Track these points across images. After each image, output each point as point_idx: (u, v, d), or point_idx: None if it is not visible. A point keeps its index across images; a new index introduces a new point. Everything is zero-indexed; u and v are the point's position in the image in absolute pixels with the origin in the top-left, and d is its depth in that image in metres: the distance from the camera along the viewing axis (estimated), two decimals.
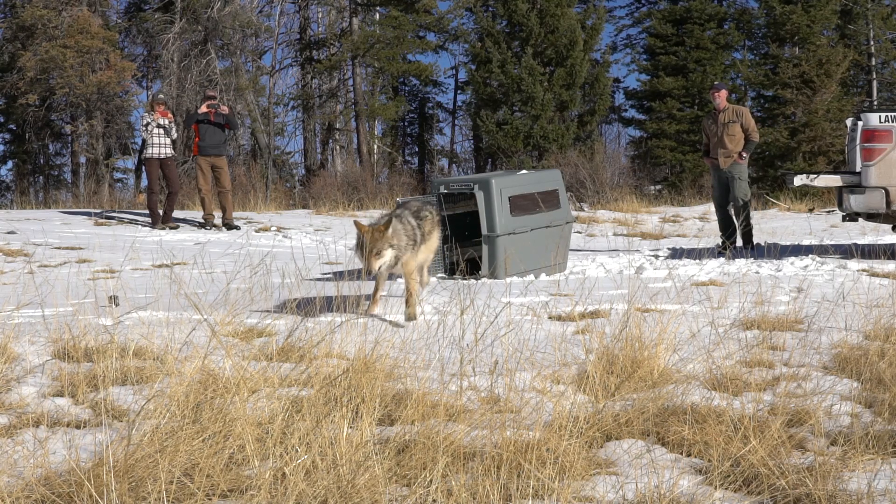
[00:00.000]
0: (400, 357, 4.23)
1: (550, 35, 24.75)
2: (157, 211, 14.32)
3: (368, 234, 5.03)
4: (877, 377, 3.99)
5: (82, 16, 23.88)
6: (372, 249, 5.00)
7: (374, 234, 5.03)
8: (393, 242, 5.13)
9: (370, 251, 5.01)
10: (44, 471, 2.81)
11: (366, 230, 5.05)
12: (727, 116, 10.88)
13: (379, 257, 5.05)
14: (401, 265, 5.33)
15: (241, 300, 5.07)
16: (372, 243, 5.00)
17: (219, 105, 14.46)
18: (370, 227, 5.09)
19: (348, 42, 27.09)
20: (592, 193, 20.25)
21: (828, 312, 5.11)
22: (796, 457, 3.23)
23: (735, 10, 28.05)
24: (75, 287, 6.21)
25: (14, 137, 28.18)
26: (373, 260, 5.02)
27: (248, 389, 3.46)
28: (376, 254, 5.03)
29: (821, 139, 22.79)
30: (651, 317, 5.01)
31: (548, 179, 9.40)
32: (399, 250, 5.22)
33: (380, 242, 5.03)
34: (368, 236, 5.02)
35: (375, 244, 5.01)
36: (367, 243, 5.02)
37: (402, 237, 5.25)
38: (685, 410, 3.59)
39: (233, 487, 2.86)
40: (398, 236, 5.22)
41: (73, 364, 4.12)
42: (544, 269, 8.78)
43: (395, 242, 5.15)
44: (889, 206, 9.36)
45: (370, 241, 5.01)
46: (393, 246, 5.12)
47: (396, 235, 5.19)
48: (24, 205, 21.72)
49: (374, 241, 5.01)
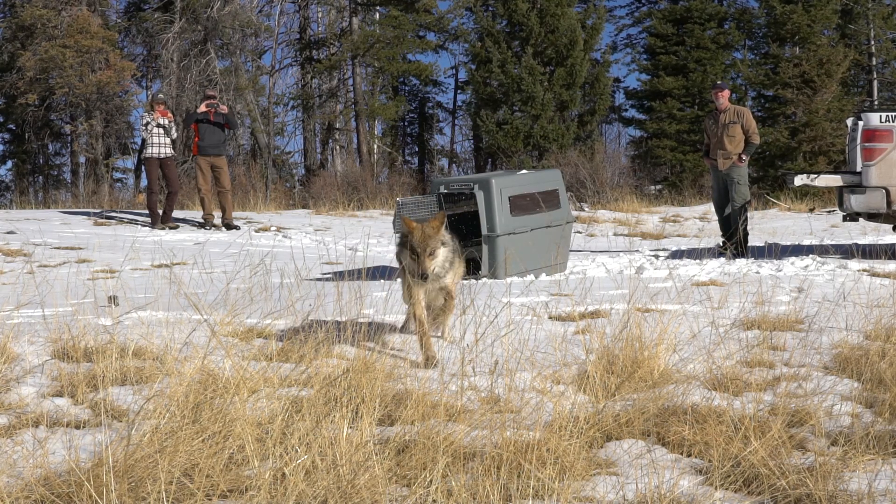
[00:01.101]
0: (400, 357, 4.23)
1: (550, 35, 24.75)
2: (156, 211, 14.32)
3: (419, 232, 4.28)
4: (877, 377, 3.98)
5: (82, 15, 23.87)
6: (426, 248, 4.24)
7: (427, 230, 4.28)
8: (447, 241, 4.43)
9: (423, 250, 4.24)
10: (43, 471, 2.80)
11: (415, 227, 4.31)
12: (728, 117, 10.80)
13: (433, 257, 4.29)
14: (444, 277, 4.51)
15: (240, 300, 5.06)
16: (424, 241, 4.25)
17: (217, 104, 14.46)
18: (420, 224, 4.35)
19: (348, 42, 27.08)
20: (592, 193, 20.25)
21: (828, 312, 5.11)
22: (797, 457, 3.22)
23: (735, 10, 28.05)
24: (75, 287, 6.21)
25: (14, 137, 28.18)
26: (427, 261, 4.25)
27: (247, 389, 3.46)
28: (430, 254, 4.26)
29: (821, 139, 22.78)
30: (651, 317, 5.01)
31: (548, 179, 9.40)
32: (452, 254, 4.51)
33: (433, 240, 4.28)
34: (419, 233, 4.27)
35: (429, 242, 4.26)
36: (417, 241, 4.26)
37: (449, 241, 4.52)
38: (685, 410, 3.58)
39: (233, 487, 2.85)
40: (449, 238, 4.52)
41: (73, 364, 4.11)
42: (544, 269, 8.78)
43: (448, 242, 4.46)
44: (889, 206, 9.35)
45: (421, 239, 4.26)
46: (446, 245, 4.42)
47: (449, 236, 4.49)
48: (24, 205, 21.71)
49: (427, 239, 4.26)
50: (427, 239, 4.26)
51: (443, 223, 4.34)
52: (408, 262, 4.35)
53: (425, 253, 4.24)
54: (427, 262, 4.25)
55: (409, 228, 4.33)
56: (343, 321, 4.64)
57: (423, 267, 4.24)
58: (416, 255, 4.25)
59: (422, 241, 4.26)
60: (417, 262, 4.26)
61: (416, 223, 4.36)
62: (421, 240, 4.26)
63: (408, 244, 4.33)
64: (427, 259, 4.25)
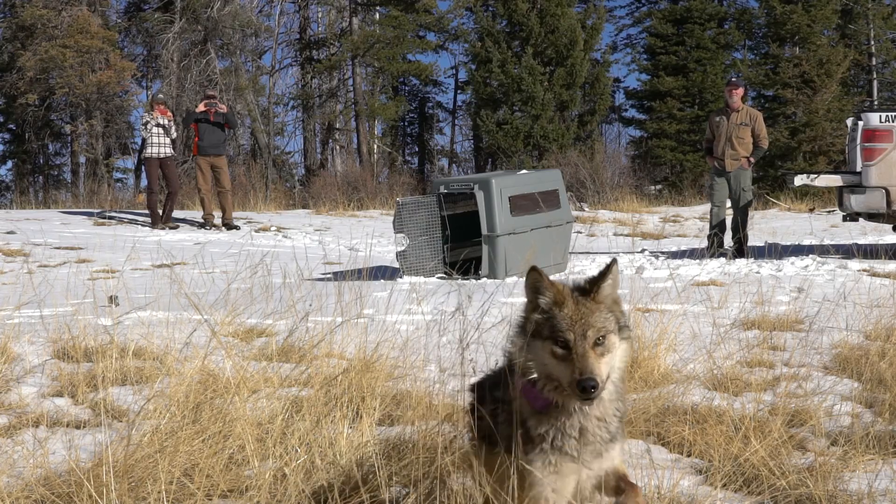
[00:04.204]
0: (400, 357, 4.23)
1: (550, 35, 24.75)
2: (156, 211, 14.32)
3: (571, 301, 2.30)
4: (877, 377, 3.98)
5: (82, 15, 23.87)
6: (585, 332, 2.24)
7: (584, 299, 2.31)
8: (620, 317, 2.35)
9: (582, 334, 2.24)
10: (43, 471, 2.80)
11: (562, 290, 2.32)
12: (740, 118, 10.66)
13: (607, 352, 2.27)
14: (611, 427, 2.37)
15: (241, 300, 5.06)
16: (583, 318, 2.26)
17: (216, 104, 14.46)
18: (567, 288, 2.34)
19: (348, 42, 27.08)
20: (593, 193, 20.25)
21: (828, 312, 5.10)
22: (797, 457, 3.22)
23: (735, 10, 28.06)
24: (75, 287, 6.20)
25: (14, 137, 28.18)
26: (593, 360, 2.21)
27: (248, 389, 3.46)
28: (597, 344, 2.25)
29: (821, 139, 22.78)
30: (652, 317, 5.01)
31: (548, 179, 9.40)
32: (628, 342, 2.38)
33: (599, 318, 2.29)
34: (572, 304, 2.29)
35: (592, 321, 2.27)
36: (569, 317, 2.26)
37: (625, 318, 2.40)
38: (686, 410, 3.58)
39: (233, 487, 2.85)
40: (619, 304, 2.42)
41: (73, 364, 4.11)
42: (545, 268, 8.77)
43: (622, 320, 2.35)
44: (889, 206, 9.35)
45: (575, 313, 2.27)
46: (623, 329, 2.34)
47: (618, 303, 2.40)
48: (24, 205, 21.71)
49: (587, 315, 2.27)
50: (586, 316, 2.27)
51: (616, 283, 2.40)
52: (544, 359, 2.27)
53: (588, 341, 2.23)
54: (593, 360, 2.21)
55: (548, 289, 2.32)
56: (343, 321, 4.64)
57: (587, 366, 2.19)
58: (566, 346, 2.23)
59: (576, 315, 2.26)
60: (570, 362, 2.21)
61: (559, 283, 2.35)
62: (574, 313, 2.27)
63: (543, 323, 2.29)
64: (593, 354, 2.23)
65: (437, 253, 8.63)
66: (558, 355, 2.24)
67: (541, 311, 2.31)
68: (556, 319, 2.26)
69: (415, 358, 4.39)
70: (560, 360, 2.24)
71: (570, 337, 2.23)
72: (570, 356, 2.21)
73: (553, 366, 2.25)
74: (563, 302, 2.29)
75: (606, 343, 2.26)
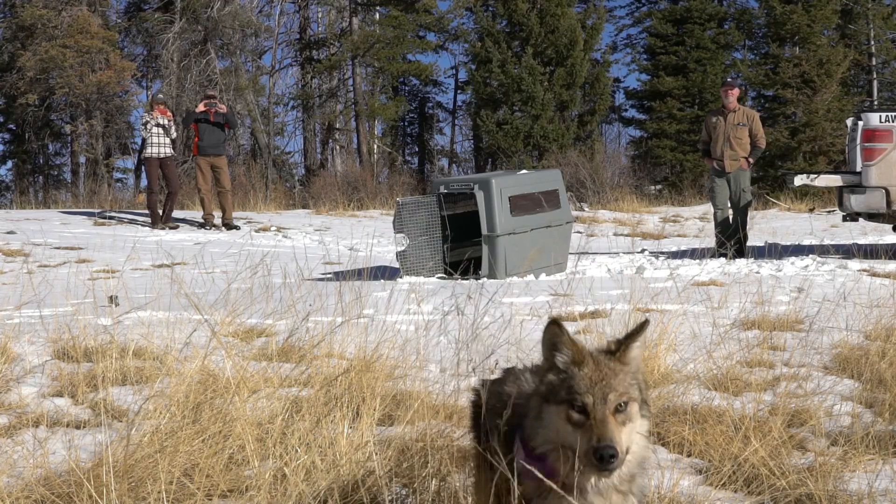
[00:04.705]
0: (400, 357, 4.23)
1: (550, 35, 24.75)
2: (156, 211, 14.32)
3: (592, 360, 2.08)
4: (877, 377, 3.98)
5: (82, 16, 23.87)
6: (606, 396, 2.02)
7: (607, 360, 2.10)
8: (643, 388, 2.14)
9: (603, 398, 2.02)
10: (43, 471, 2.80)
11: (583, 348, 2.10)
12: (737, 118, 10.64)
13: (629, 421, 2.04)
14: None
15: (241, 300, 5.06)
16: (604, 379, 2.05)
17: (216, 103, 14.46)
18: (589, 351, 2.12)
19: (348, 42, 27.08)
20: (593, 193, 20.25)
21: (828, 312, 5.10)
22: (797, 457, 3.22)
23: (735, 10, 28.06)
24: (75, 287, 6.20)
25: (14, 137, 28.18)
26: (613, 427, 1.99)
27: (248, 389, 3.46)
28: (618, 410, 2.03)
29: (821, 139, 22.78)
30: (652, 316, 5.00)
31: (548, 179, 9.40)
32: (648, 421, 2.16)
33: (622, 381, 2.06)
34: (593, 364, 2.07)
35: (614, 385, 2.05)
36: (589, 377, 2.05)
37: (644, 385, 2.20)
38: (686, 410, 3.58)
39: (233, 487, 2.85)
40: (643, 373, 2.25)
41: (73, 364, 4.11)
42: (544, 268, 8.77)
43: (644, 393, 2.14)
44: (889, 206, 9.36)
45: (596, 374, 2.05)
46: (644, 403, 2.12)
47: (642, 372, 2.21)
48: (24, 205, 21.72)
49: (610, 377, 2.06)
50: (608, 378, 2.05)
51: (642, 345, 2.17)
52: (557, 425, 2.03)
53: (608, 406, 2.01)
54: (613, 427, 1.99)
55: (572, 349, 2.09)
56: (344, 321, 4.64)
57: (606, 432, 1.97)
58: (583, 411, 2.01)
59: (598, 378, 2.04)
60: (587, 429, 1.99)
61: (581, 344, 2.10)
62: (594, 376, 2.05)
63: (558, 385, 2.07)
64: (613, 421, 2.00)
65: (437, 253, 8.63)
66: (574, 420, 1.99)
67: (557, 371, 2.06)
68: (575, 380, 2.02)
69: (415, 358, 4.39)
70: (576, 427, 1.98)
71: (589, 400, 1.99)
72: (588, 422, 1.97)
73: (567, 433, 1.99)
74: (583, 361, 2.06)
75: (629, 410, 2.01)
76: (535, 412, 2.07)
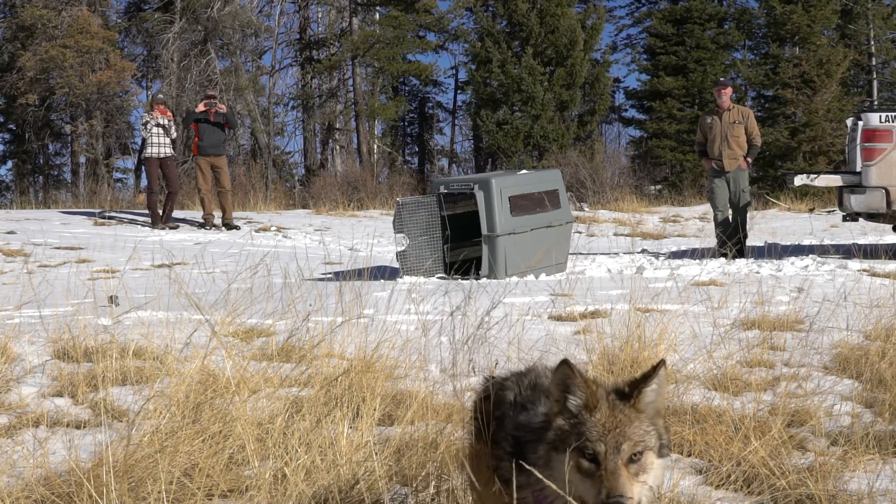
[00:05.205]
0: (400, 357, 4.23)
1: (550, 35, 24.75)
2: (156, 211, 14.32)
3: (606, 405, 1.98)
4: (877, 377, 3.98)
5: (82, 16, 23.87)
6: (619, 445, 1.92)
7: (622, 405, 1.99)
8: (662, 433, 2.04)
9: (615, 447, 1.92)
10: (44, 471, 2.80)
11: (596, 390, 1.99)
12: (732, 116, 10.65)
13: (643, 472, 1.95)
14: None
15: (241, 300, 5.06)
16: (618, 427, 1.95)
17: (216, 103, 14.46)
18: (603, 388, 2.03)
19: (348, 42, 27.08)
20: (593, 193, 20.25)
21: (828, 312, 5.10)
22: (797, 457, 3.22)
23: (735, 10, 28.05)
24: (75, 287, 6.20)
25: (14, 137, 28.18)
26: (625, 479, 1.89)
27: (248, 389, 3.46)
28: (632, 461, 1.93)
29: (821, 139, 22.78)
30: (652, 317, 5.01)
31: (548, 179, 9.40)
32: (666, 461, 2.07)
33: (637, 429, 1.96)
34: (607, 409, 1.97)
35: (629, 433, 1.94)
36: (602, 424, 1.95)
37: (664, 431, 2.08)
38: (686, 410, 3.58)
39: (233, 487, 2.85)
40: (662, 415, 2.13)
41: (73, 364, 4.11)
42: (544, 268, 8.77)
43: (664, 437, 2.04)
44: (889, 206, 9.36)
45: (609, 421, 1.95)
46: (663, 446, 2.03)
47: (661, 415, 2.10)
48: (24, 205, 21.72)
49: (624, 425, 1.95)
50: (623, 425, 1.95)
51: (662, 389, 2.05)
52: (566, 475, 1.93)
53: (621, 455, 1.91)
54: (624, 478, 1.89)
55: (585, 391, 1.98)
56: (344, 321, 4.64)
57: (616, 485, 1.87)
58: (594, 460, 1.92)
59: (610, 424, 1.94)
60: (597, 479, 1.90)
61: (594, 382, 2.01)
62: (607, 421, 1.95)
63: (568, 431, 1.97)
64: (625, 472, 1.90)
65: (437, 253, 8.64)
66: (584, 469, 1.88)
67: (568, 415, 1.95)
68: (586, 426, 1.91)
69: (415, 358, 4.39)
70: (585, 476, 1.88)
71: (601, 449, 1.88)
72: (598, 472, 1.87)
73: (576, 483, 1.88)
74: (596, 405, 1.94)
75: (643, 461, 1.91)
76: (544, 461, 1.97)
